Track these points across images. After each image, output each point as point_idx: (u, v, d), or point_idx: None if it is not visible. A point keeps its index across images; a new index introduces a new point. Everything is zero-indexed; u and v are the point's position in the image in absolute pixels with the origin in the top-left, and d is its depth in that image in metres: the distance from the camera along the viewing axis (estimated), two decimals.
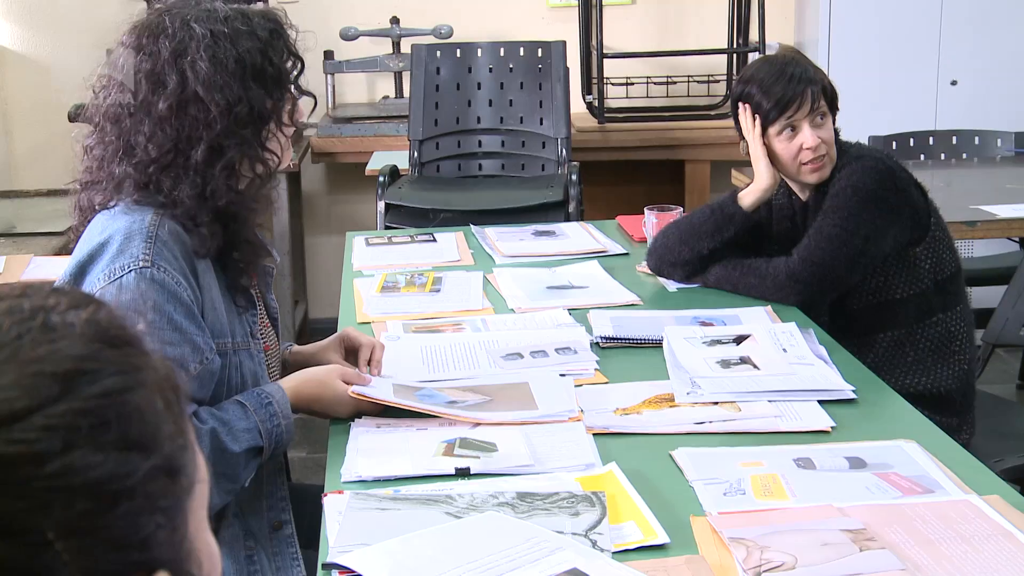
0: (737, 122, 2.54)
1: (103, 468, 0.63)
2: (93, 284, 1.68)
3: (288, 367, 2.10)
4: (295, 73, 1.82)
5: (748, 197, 2.53)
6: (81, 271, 1.71)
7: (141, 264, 1.68)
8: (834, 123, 2.50)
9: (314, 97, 1.91)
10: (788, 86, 2.43)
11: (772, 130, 2.46)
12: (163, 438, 0.67)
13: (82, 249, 1.74)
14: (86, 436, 0.63)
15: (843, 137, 2.54)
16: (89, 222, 1.80)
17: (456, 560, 1.43)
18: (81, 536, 0.62)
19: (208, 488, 0.73)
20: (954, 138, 4.30)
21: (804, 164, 2.46)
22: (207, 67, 1.71)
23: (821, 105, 2.44)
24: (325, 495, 1.63)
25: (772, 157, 2.49)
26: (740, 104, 2.50)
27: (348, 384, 1.89)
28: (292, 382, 1.89)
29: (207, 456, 1.49)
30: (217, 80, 1.71)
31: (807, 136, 2.43)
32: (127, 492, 0.64)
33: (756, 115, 2.47)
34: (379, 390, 1.92)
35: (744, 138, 2.53)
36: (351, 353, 2.10)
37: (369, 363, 2.06)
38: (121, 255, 1.69)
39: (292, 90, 1.82)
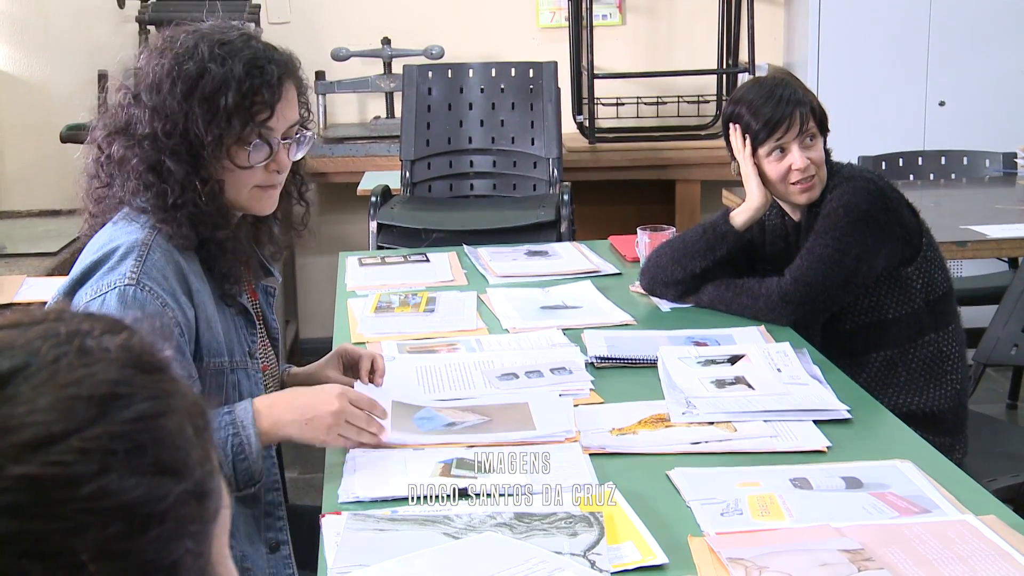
0: (728, 142, 2.55)
1: (136, 491, 0.64)
2: (80, 299, 1.69)
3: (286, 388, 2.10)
4: (261, 116, 1.75)
5: (740, 216, 2.54)
6: (75, 286, 1.72)
7: (126, 282, 1.69)
8: (825, 144, 2.51)
9: (270, 147, 1.79)
10: (777, 108, 2.45)
11: (762, 151, 2.48)
12: (193, 463, 0.68)
13: (80, 265, 1.75)
14: (121, 459, 0.64)
15: (833, 158, 2.56)
16: (104, 215, 1.83)
17: None
18: (114, 559, 0.63)
19: (230, 514, 0.73)
20: (943, 158, 4.32)
21: (793, 184, 2.47)
22: (161, 73, 1.73)
23: (810, 127, 2.46)
24: (323, 516, 1.63)
25: (762, 177, 2.50)
26: (731, 124, 2.52)
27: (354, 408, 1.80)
28: (271, 396, 1.83)
29: None
30: (162, 87, 1.73)
31: (796, 157, 2.45)
32: (159, 516, 0.65)
33: (746, 136, 2.48)
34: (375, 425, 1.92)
35: (735, 158, 2.54)
36: (349, 368, 2.10)
37: (372, 374, 2.05)
38: (111, 272, 1.71)
39: (248, 131, 1.76)
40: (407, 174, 4.18)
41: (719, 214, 2.58)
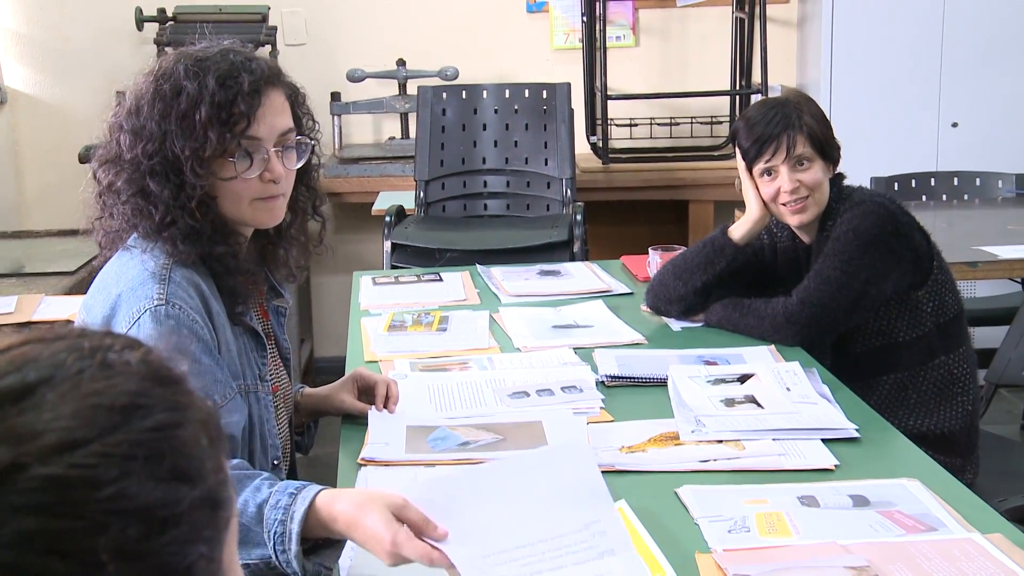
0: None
1: (154, 495, 0.67)
2: (117, 329, 1.70)
3: (301, 409, 2.11)
4: (240, 126, 1.75)
5: (738, 229, 2.57)
6: (108, 320, 1.74)
7: (155, 303, 1.70)
8: (834, 168, 2.52)
9: (251, 158, 1.78)
10: (766, 130, 2.46)
11: (755, 171, 2.50)
12: (207, 472, 0.72)
13: (105, 304, 1.76)
14: (140, 465, 0.68)
15: (846, 180, 2.57)
16: (112, 248, 1.84)
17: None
18: (132, 559, 0.66)
19: (238, 524, 0.76)
20: (955, 179, 4.33)
21: (783, 205, 2.49)
22: (139, 96, 1.75)
23: (800, 151, 2.45)
24: None
25: None
26: (735, 141, 2.56)
27: (402, 522, 1.45)
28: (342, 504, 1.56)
29: None
30: (141, 111, 1.75)
31: (784, 179, 2.46)
32: (174, 520, 0.68)
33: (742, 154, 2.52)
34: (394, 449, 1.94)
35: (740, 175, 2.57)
36: (363, 393, 2.12)
37: (387, 399, 2.08)
38: (137, 299, 1.72)
39: (230, 142, 1.75)
40: (421, 194, 4.21)
41: (718, 229, 2.61)
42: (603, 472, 1.80)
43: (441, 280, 3.12)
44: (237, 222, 1.83)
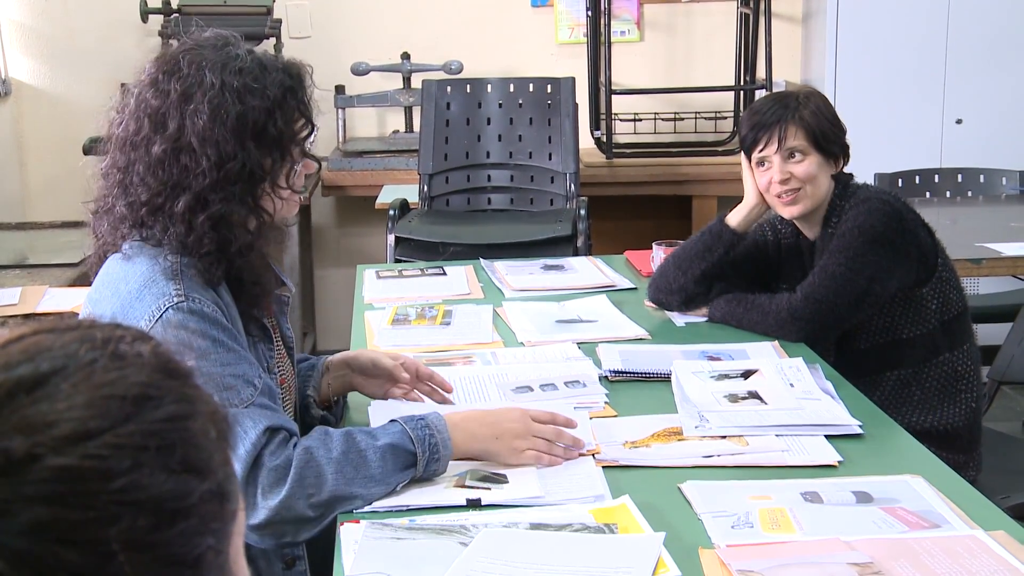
0: None
1: (165, 487, 0.68)
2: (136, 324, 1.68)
3: (330, 387, 2.11)
4: (303, 135, 1.78)
5: (735, 216, 2.58)
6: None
7: (176, 300, 1.69)
8: (837, 165, 2.52)
9: (319, 162, 1.83)
10: (761, 120, 2.48)
11: (752, 160, 2.52)
12: (216, 465, 0.72)
13: (114, 301, 1.73)
14: (152, 456, 0.68)
15: (849, 177, 2.57)
16: (104, 255, 1.82)
17: None
18: (142, 550, 0.67)
19: (245, 516, 0.77)
20: (959, 176, 4.33)
21: (776, 196, 2.49)
22: (206, 119, 1.69)
23: (792, 143, 2.45)
24: (342, 524, 1.65)
25: None
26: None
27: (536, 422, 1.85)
28: (460, 412, 1.86)
29: (343, 456, 1.64)
30: (213, 134, 1.69)
31: (774, 171, 2.47)
32: (185, 512, 0.69)
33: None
34: None
35: None
36: (372, 377, 2.11)
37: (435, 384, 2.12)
38: (155, 297, 1.69)
39: (295, 152, 1.78)
40: (425, 188, 4.21)
41: (716, 217, 2.62)
42: (606, 467, 1.83)
43: (445, 274, 3.12)
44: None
